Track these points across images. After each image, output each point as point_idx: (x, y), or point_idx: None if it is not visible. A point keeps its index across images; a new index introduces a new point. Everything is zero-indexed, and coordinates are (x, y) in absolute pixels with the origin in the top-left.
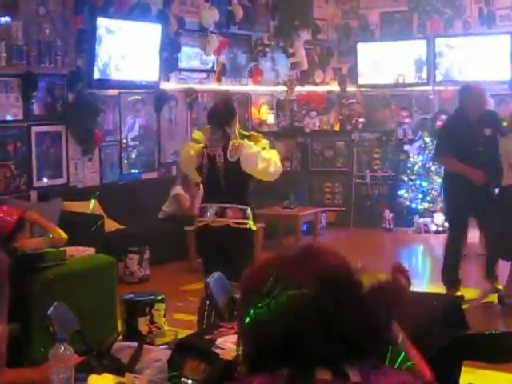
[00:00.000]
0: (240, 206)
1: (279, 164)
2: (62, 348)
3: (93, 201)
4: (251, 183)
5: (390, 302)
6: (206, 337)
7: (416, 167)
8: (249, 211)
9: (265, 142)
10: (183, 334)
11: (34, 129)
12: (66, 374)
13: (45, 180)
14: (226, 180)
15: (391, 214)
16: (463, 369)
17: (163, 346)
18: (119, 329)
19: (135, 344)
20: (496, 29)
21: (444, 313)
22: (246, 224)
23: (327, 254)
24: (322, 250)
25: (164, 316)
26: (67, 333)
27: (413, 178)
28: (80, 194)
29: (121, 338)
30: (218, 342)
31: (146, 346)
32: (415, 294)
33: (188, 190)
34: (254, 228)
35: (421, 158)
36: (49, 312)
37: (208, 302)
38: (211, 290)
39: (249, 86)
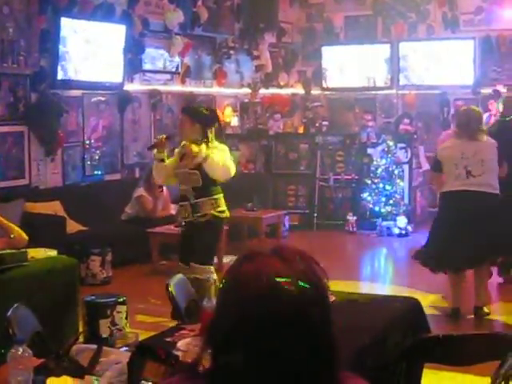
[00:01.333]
0: None
1: None
2: (21, 350)
3: None
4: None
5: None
6: (167, 339)
7: (379, 170)
8: None
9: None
10: (145, 336)
11: None
12: (25, 377)
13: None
14: None
15: (354, 217)
16: (427, 370)
17: (123, 348)
18: (80, 330)
19: (95, 346)
20: (460, 33)
21: (405, 315)
22: None
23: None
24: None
25: (126, 318)
26: (27, 335)
27: (376, 181)
28: (42, 195)
29: (81, 340)
30: (179, 344)
31: (105, 348)
32: (377, 297)
33: (151, 191)
34: None
35: (384, 161)
36: (8, 314)
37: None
38: (172, 293)
39: (213, 88)
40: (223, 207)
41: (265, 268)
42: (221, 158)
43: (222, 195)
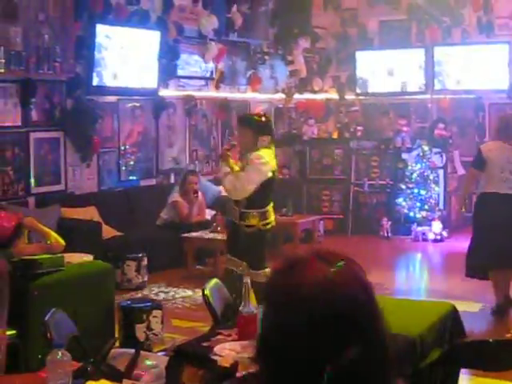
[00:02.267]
0: None
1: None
2: (59, 354)
3: None
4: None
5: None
6: (204, 344)
7: (414, 175)
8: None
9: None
10: (181, 340)
11: (33, 135)
12: (64, 381)
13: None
14: None
15: (389, 222)
16: (464, 376)
17: (161, 353)
18: (117, 335)
19: (132, 351)
20: (494, 38)
21: (441, 320)
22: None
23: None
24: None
25: (161, 323)
26: (64, 339)
27: (411, 186)
28: (78, 201)
29: (118, 344)
30: (216, 348)
31: (143, 352)
32: (413, 302)
33: (186, 197)
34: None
35: (419, 166)
36: (46, 318)
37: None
38: (209, 298)
39: (247, 94)
40: (270, 219)
41: (314, 272)
42: (240, 180)
43: (270, 206)
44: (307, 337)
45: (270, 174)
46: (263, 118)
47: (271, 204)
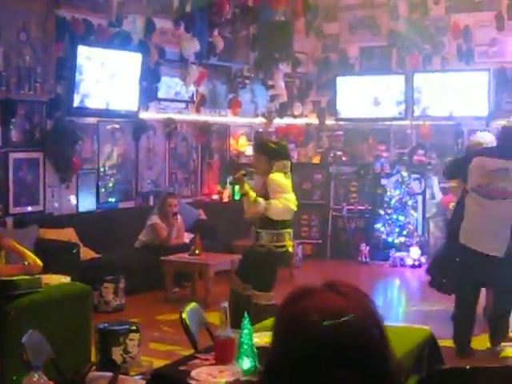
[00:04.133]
0: None
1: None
2: (36, 376)
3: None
4: None
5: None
6: (181, 368)
7: (393, 201)
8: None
9: None
10: (158, 364)
11: (12, 155)
12: None
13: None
14: None
15: (368, 248)
16: None
17: (138, 377)
18: (93, 357)
19: (110, 374)
20: (474, 65)
21: (419, 347)
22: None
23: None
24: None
25: (139, 346)
26: (41, 361)
27: (389, 211)
28: (56, 222)
29: (95, 367)
30: (193, 373)
31: (120, 376)
32: (391, 328)
33: (165, 219)
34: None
35: (398, 192)
36: (23, 340)
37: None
38: (186, 322)
39: (228, 118)
40: (285, 242)
41: (325, 303)
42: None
43: (288, 230)
44: (314, 365)
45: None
46: (276, 145)
47: (288, 229)
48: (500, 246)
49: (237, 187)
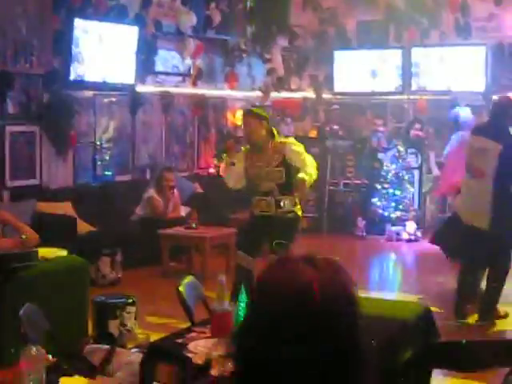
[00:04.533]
0: None
1: None
2: (34, 349)
3: None
4: None
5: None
6: (178, 341)
7: (389, 175)
8: None
9: None
10: (155, 337)
11: (8, 128)
12: (38, 376)
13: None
14: None
15: (364, 222)
16: (435, 377)
17: (135, 349)
18: (90, 330)
19: (107, 347)
20: (472, 40)
21: (415, 321)
22: None
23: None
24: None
25: (135, 319)
26: (38, 334)
27: (386, 186)
28: (53, 195)
29: (92, 340)
30: (190, 346)
31: (117, 349)
32: (387, 302)
33: (161, 193)
34: None
35: (394, 166)
36: (20, 313)
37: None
38: (183, 295)
39: (224, 91)
40: (299, 206)
41: (297, 274)
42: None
43: (296, 195)
44: (279, 335)
45: None
46: (264, 111)
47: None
48: (482, 219)
49: (224, 155)
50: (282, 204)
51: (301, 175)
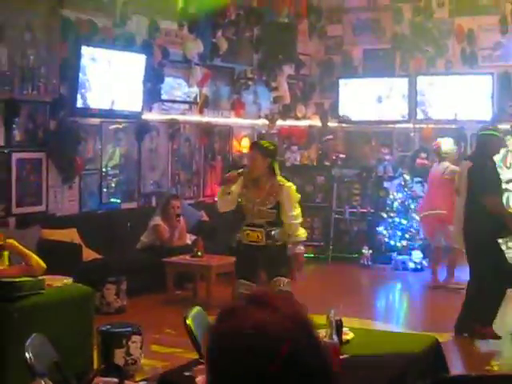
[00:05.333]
0: None
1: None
2: (42, 383)
3: None
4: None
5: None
6: (186, 373)
7: (395, 204)
8: None
9: None
10: (160, 366)
11: (15, 155)
12: None
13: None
14: None
15: (370, 251)
16: None
17: (143, 382)
18: (95, 360)
19: (115, 380)
20: (478, 69)
21: (424, 354)
22: None
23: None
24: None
25: (141, 348)
26: (45, 366)
27: (392, 215)
28: (59, 223)
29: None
30: (198, 379)
31: (126, 382)
32: (395, 335)
33: (167, 221)
34: None
35: (400, 195)
36: (26, 343)
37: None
38: (191, 327)
39: (231, 119)
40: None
41: (243, 322)
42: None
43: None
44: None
45: None
46: (273, 145)
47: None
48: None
49: (224, 187)
50: (272, 234)
51: (297, 250)
